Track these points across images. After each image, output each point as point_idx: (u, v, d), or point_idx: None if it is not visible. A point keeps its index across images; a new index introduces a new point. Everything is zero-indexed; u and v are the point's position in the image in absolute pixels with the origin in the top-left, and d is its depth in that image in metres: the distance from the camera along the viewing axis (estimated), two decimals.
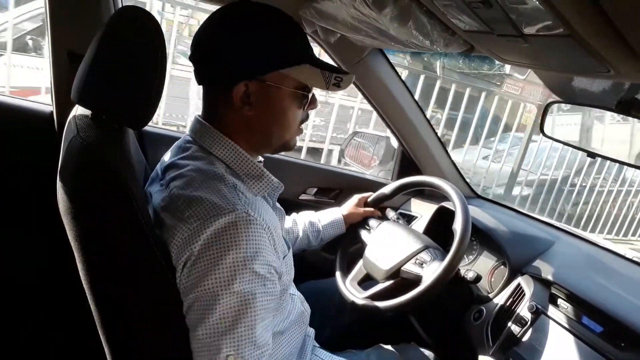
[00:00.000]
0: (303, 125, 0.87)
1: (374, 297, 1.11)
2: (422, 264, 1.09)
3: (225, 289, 0.67)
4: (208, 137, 0.78)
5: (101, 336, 0.75)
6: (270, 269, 0.73)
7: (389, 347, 1.13)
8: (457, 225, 1.06)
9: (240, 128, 0.78)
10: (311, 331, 1.02)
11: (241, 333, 0.68)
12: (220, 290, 0.67)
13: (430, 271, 1.05)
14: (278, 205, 0.90)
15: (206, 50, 0.76)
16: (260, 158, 0.88)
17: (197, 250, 0.67)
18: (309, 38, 1.00)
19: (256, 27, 0.74)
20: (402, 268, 1.10)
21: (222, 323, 0.67)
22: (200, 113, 0.83)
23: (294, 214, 1.30)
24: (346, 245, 1.32)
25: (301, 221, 1.27)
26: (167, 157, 0.84)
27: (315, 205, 1.62)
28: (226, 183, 0.73)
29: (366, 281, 1.20)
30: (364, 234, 1.29)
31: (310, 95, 0.81)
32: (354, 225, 1.32)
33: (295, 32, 0.78)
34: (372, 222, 1.30)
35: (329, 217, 1.28)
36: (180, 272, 0.69)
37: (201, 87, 0.82)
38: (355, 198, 1.36)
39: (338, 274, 1.25)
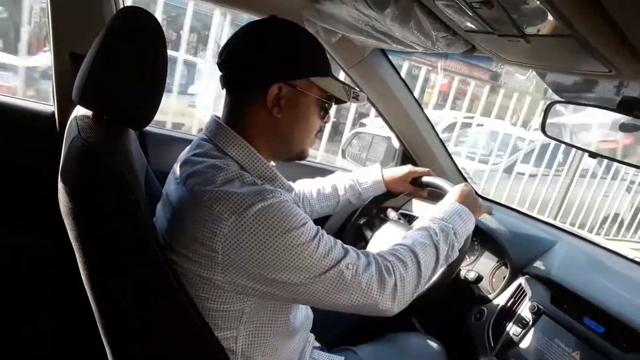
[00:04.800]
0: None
1: None
2: None
3: (289, 269, 0.70)
4: (223, 138, 0.80)
5: (102, 335, 0.75)
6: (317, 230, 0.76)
7: (390, 337, 1.14)
8: None
9: (265, 131, 0.81)
10: (311, 336, 1.02)
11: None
12: (290, 265, 0.70)
13: None
14: None
15: (243, 54, 0.80)
16: (273, 163, 0.90)
17: (249, 239, 0.68)
18: None
19: (293, 36, 0.81)
20: None
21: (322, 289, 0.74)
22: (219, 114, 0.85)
23: (331, 178, 1.27)
24: (348, 242, 1.32)
25: (341, 186, 1.25)
26: (182, 156, 0.85)
27: None
28: (244, 180, 0.74)
29: None
30: (366, 231, 1.29)
31: (332, 106, 0.86)
32: (359, 223, 1.32)
33: (322, 48, 0.85)
34: (377, 221, 1.30)
35: (369, 179, 1.24)
36: (225, 257, 0.69)
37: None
38: (407, 168, 1.25)
39: None
